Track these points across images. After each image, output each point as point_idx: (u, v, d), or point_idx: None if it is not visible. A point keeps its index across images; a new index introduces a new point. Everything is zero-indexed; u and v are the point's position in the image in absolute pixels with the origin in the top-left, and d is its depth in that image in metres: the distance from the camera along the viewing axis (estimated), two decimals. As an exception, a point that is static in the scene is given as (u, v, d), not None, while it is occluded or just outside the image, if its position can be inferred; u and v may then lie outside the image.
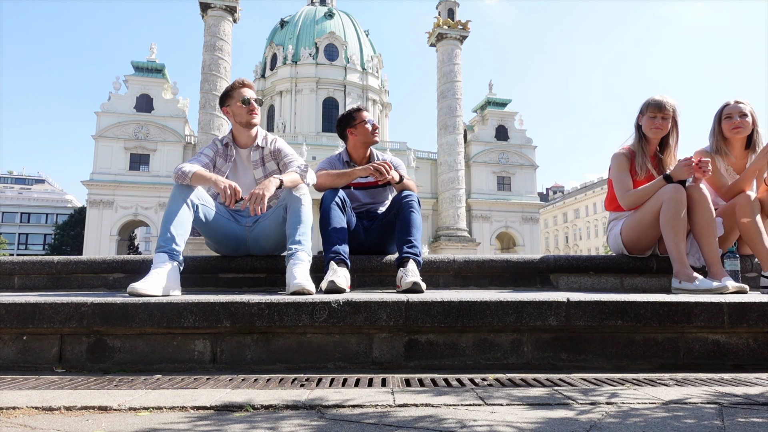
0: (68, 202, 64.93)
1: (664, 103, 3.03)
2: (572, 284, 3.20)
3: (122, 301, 2.01)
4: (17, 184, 75.10)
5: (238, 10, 32.44)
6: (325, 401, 1.44)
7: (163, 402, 1.43)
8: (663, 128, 3.04)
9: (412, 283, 2.55)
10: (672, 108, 3.04)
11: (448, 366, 2.01)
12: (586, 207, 62.30)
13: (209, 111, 30.65)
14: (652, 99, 3.07)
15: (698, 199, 2.78)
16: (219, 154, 3.00)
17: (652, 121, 3.05)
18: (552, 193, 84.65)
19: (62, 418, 1.31)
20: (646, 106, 3.08)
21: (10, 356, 2.01)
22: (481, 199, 41.54)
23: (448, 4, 39.11)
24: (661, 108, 3.03)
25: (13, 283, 3.31)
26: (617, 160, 3.13)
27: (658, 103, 3.04)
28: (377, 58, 52.52)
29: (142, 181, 36.91)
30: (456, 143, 36.12)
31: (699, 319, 2.03)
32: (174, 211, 2.60)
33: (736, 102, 3.16)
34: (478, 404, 1.41)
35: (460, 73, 36.30)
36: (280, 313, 1.98)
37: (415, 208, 2.92)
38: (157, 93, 38.22)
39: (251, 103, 2.92)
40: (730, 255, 2.90)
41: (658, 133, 3.06)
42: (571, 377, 1.82)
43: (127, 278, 2.96)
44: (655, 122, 3.05)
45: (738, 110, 3.12)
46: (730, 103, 3.18)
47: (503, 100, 45.10)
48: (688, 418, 1.27)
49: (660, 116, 3.04)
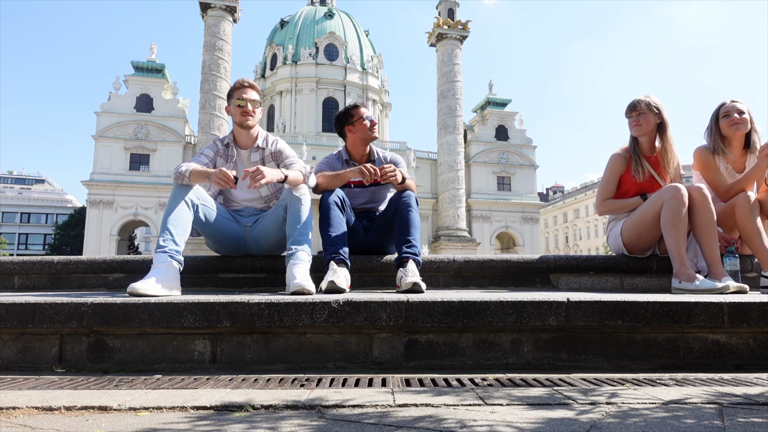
0: (68, 202, 64.93)
1: (635, 103, 3.13)
2: (572, 284, 3.20)
3: (122, 301, 2.01)
4: (17, 184, 75.12)
5: (238, 10, 32.46)
6: (325, 401, 1.44)
7: (163, 402, 1.43)
8: (642, 124, 3.09)
9: (412, 284, 2.54)
10: (645, 104, 3.09)
11: (448, 366, 2.01)
12: (586, 207, 62.28)
13: (209, 111, 30.67)
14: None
15: (699, 199, 2.79)
16: (219, 154, 3.01)
17: (629, 122, 3.15)
18: (552, 193, 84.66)
19: (62, 418, 1.31)
20: (625, 110, 3.20)
21: (10, 356, 2.02)
22: (481, 199, 41.52)
23: (448, 4, 39.11)
24: (634, 107, 3.13)
25: (13, 283, 3.31)
26: (611, 162, 3.17)
27: (630, 105, 3.16)
28: (377, 58, 52.52)
29: (142, 181, 36.89)
30: (456, 143, 36.12)
31: (699, 319, 2.03)
32: (174, 211, 2.60)
33: (733, 101, 3.19)
34: (478, 404, 1.41)
35: (460, 73, 36.31)
36: (280, 313, 1.98)
37: (413, 208, 2.91)
38: (157, 93, 38.20)
39: (246, 105, 2.92)
40: (730, 254, 2.91)
41: (638, 130, 3.12)
42: (571, 377, 1.82)
43: (127, 278, 2.96)
44: (631, 121, 3.14)
45: (735, 108, 3.14)
46: (726, 103, 3.20)
47: (503, 100, 45.08)
48: (688, 418, 1.27)
49: (634, 114, 3.12)
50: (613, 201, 3.12)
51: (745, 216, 2.90)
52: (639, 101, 3.11)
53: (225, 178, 2.56)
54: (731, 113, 3.13)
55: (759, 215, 2.96)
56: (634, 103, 3.13)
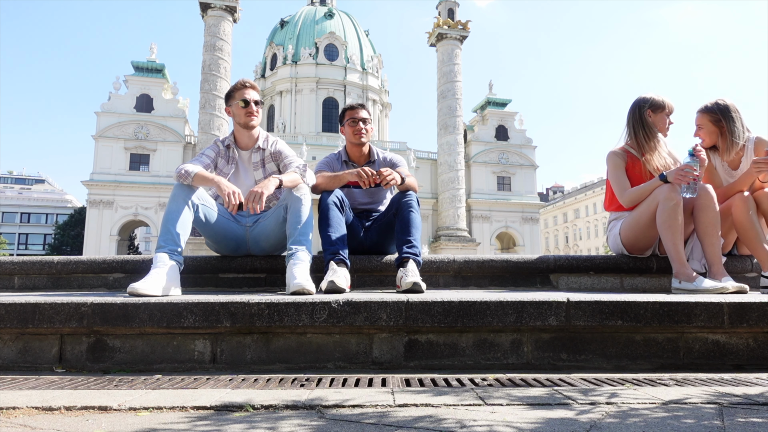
0: (68, 202, 64.92)
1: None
2: (572, 284, 3.20)
3: (122, 301, 2.01)
4: (17, 184, 75.10)
5: (238, 10, 32.45)
6: (325, 401, 1.44)
7: (163, 402, 1.43)
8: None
9: (412, 284, 2.54)
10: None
11: (448, 366, 2.01)
12: (586, 207, 62.28)
13: (209, 111, 30.66)
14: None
15: (704, 198, 2.78)
16: (220, 155, 3.00)
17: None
18: (552, 193, 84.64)
19: (62, 418, 1.31)
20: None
21: (10, 356, 2.02)
22: (481, 199, 41.51)
23: (448, 4, 39.10)
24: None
25: (13, 283, 3.31)
26: (612, 159, 3.14)
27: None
28: (377, 58, 52.52)
29: (142, 181, 36.88)
30: (456, 143, 36.12)
31: (699, 319, 2.03)
32: (174, 210, 2.60)
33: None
34: (478, 404, 1.41)
35: (460, 73, 36.31)
36: (280, 313, 1.98)
37: (414, 208, 2.91)
38: (157, 93, 38.18)
39: (250, 105, 2.92)
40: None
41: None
42: (571, 377, 1.82)
43: (127, 278, 2.96)
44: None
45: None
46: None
47: (503, 100, 45.07)
48: (688, 418, 1.27)
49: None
50: (633, 189, 3.03)
51: (744, 216, 2.89)
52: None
53: (231, 202, 2.56)
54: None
55: (756, 214, 2.94)
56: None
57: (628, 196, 3.04)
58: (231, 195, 2.57)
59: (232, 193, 2.58)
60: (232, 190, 2.59)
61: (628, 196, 3.04)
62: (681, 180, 2.74)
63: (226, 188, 2.60)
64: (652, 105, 3.11)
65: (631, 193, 3.02)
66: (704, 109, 3.19)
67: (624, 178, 3.09)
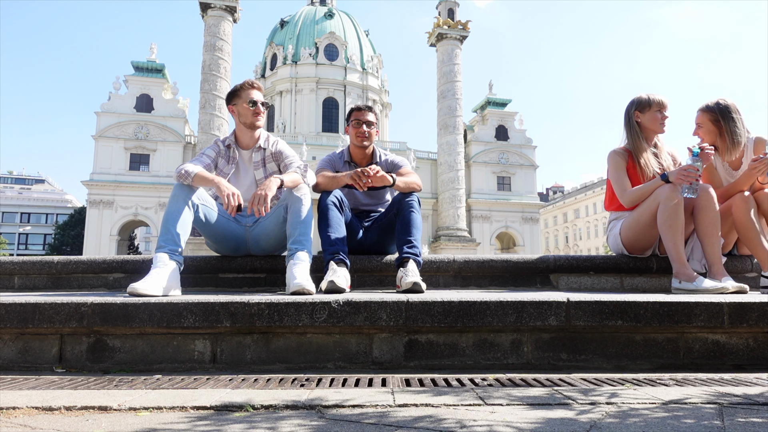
0: (68, 202, 64.92)
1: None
2: (572, 284, 3.20)
3: (122, 301, 2.01)
4: (17, 184, 75.09)
5: (238, 10, 32.44)
6: (325, 401, 1.44)
7: (163, 402, 1.43)
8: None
9: (412, 283, 2.54)
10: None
11: (448, 366, 2.01)
12: (586, 207, 62.27)
13: (209, 111, 30.65)
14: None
15: (704, 198, 2.78)
16: (221, 155, 3.00)
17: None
18: (552, 193, 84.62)
19: (62, 418, 1.31)
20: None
21: (10, 356, 2.02)
22: (481, 199, 41.51)
23: (448, 4, 39.09)
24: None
25: (13, 283, 3.31)
26: (613, 159, 3.14)
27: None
28: (377, 58, 52.51)
29: (142, 181, 36.88)
30: (456, 143, 36.11)
31: (699, 319, 2.03)
32: (174, 210, 2.60)
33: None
34: (477, 404, 1.41)
35: (460, 73, 36.30)
36: (280, 313, 1.98)
37: (416, 209, 2.91)
38: (157, 93, 38.18)
39: (258, 106, 2.92)
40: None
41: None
42: (571, 377, 1.82)
43: (127, 278, 2.96)
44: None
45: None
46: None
47: (503, 100, 45.06)
48: (688, 418, 1.27)
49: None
50: (634, 189, 3.03)
51: (744, 216, 2.89)
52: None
53: (230, 204, 2.55)
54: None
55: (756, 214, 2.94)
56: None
57: (629, 196, 3.03)
58: (230, 197, 2.57)
59: (231, 194, 2.58)
60: (231, 192, 2.59)
61: (629, 196, 3.03)
62: (683, 180, 2.74)
63: (225, 190, 2.60)
64: (638, 105, 3.12)
65: (631, 193, 3.02)
66: (704, 108, 3.19)
67: (625, 178, 3.09)
